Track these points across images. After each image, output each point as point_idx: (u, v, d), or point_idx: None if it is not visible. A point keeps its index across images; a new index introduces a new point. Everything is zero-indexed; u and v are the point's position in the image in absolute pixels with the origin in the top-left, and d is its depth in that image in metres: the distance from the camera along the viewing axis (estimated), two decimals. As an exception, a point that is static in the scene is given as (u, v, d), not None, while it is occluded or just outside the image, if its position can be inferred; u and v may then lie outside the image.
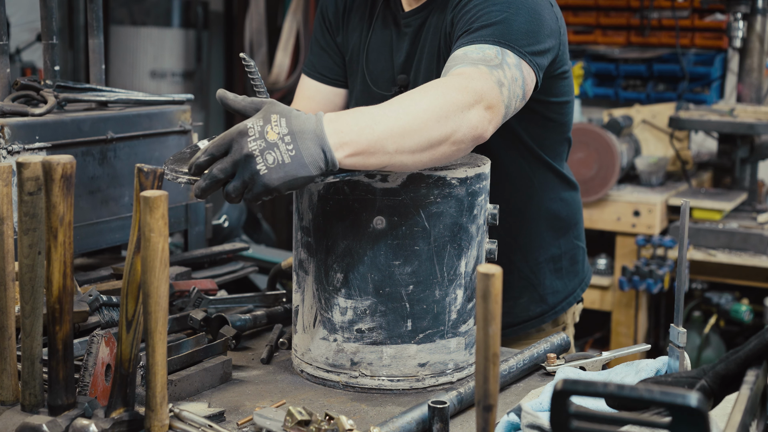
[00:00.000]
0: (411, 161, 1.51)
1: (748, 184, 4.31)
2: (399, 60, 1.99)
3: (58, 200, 1.30)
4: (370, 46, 2.04)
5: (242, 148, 1.41)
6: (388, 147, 1.46)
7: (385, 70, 2.02)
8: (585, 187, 4.13)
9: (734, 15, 4.42)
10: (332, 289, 1.64)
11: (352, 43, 2.08)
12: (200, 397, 1.61)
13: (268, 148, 1.41)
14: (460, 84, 1.56)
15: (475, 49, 1.67)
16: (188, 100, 2.28)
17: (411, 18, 1.98)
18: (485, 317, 1.07)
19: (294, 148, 1.41)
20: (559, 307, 2.12)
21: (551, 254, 2.10)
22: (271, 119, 1.42)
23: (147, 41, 6.18)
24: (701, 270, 4.08)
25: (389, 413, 1.55)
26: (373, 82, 2.04)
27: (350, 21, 2.09)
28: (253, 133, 1.41)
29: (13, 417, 1.37)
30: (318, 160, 1.42)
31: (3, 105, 1.93)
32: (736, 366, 1.23)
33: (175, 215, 2.25)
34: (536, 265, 2.08)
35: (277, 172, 1.41)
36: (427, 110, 1.50)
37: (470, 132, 1.54)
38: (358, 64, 2.07)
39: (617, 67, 5.41)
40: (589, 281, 2.22)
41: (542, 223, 2.08)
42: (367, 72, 2.04)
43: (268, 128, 1.41)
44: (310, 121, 1.43)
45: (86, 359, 1.45)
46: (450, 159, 1.57)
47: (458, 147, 1.55)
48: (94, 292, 1.77)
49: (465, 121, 1.53)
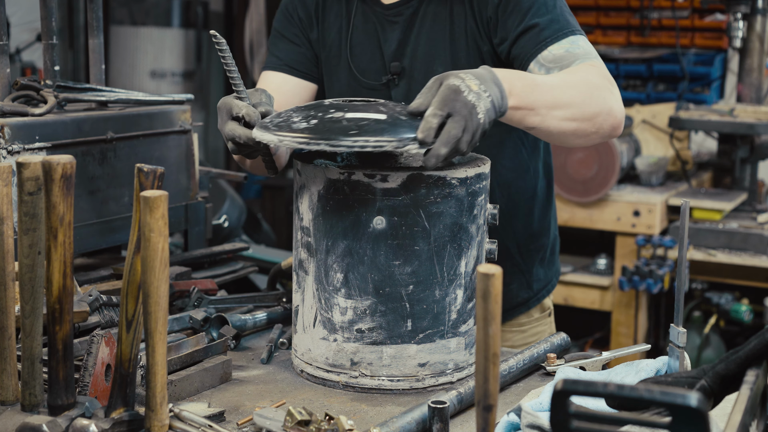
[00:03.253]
0: (557, 128, 1.69)
1: (748, 184, 4.31)
2: (390, 49, 2.01)
3: (58, 200, 1.30)
4: (353, 41, 2.05)
5: (466, 103, 1.50)
6: (541, 108, 1.64)
7: (373, 61, 2.04)
8: (585, 187, 4.13)
9: (734, 15, 4.42)
10: (332, 289, 1.64)
11: (330, 41, 2.09)
12: (200, 397, 1.61)
13: (478, 99, 1.52)
14: (599, 72, 1.77)
15: (570, 45, 1.82)
16: (188, 100, 2.28)
17: (400, 8, 2.01)
18: (485, 317, 1.07)
19: (489, 94, 1.54)
20: (541, 294, 2.20)
21: (541, 243, 2.17)
22: (460, 75, 1.53)
23: (147, 41, 6.18)
24: (701, 270, 4.08)
25: (389, 413, 1.55)
26: (362, 74, 2.05)
27: (325, 19, 2.10)
28: (464, 88, 1.51)
29: (13, 417, 1.37)
30: (500, 105, 1.57)
31: (3, 105, 1.93)
32: (736, 366, 1.23)
33: (175, 215, 2.25)
34: (527, 252, 2.15)
35: (488, 115, 1.53)
36: (577, 86, 1.71)
37: (609, 119, 1.75)
38: (340, 59, 2.08)
39: (617, 67, 5.40)
40: (560, 272, 2.30)
41: (536, 211, 2.14)
42: (354, 65, 2.05)
43: (468, 81, 1.52)
44: (486, 71, 1.57)
45: (86, 359, 1.45)
46: (588, 140, 1.76)
47: (598, 129, 1.74)
48: (94, 292, 1.77)
49: (608, 100, 1.74)
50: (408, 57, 2.00)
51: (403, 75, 2.00)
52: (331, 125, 1.54)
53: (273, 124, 1.60)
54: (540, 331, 2.22)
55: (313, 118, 1.57)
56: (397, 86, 2.02)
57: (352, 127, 1.52)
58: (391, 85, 2.02)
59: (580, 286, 4.26)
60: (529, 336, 2.20)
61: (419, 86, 1.83)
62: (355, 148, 1.50)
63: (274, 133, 1.56)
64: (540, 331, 2.22)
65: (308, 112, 1.60)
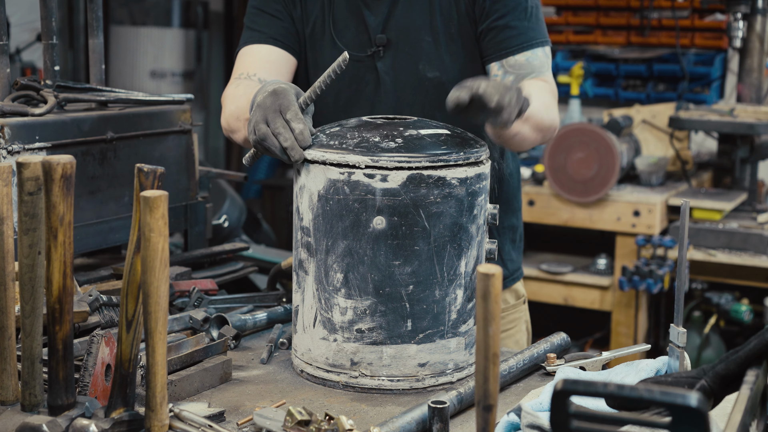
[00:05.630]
0: (528, 137, 1.93)
1: (748, 184, 4.31)
2: (375, 22, 2.06)
3: (58, 200, 1.30)
4: (336, 16, 2.09)
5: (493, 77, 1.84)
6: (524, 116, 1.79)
7: (358, 34, 2.08)
8: (585, 187, 4.13)
9: (734, 15, 4.42)
10: (332, 289, 1.64)
11: (314, 17, 2.11)
12: (200, 397, 1.61)
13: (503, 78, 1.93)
14: (550, 89, 2.04)
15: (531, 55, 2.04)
16: (188, 100, 2.28)
17: None
18: (485, 317, 1.07)
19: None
20: (516, 275, 2.28)
21: (511, 223, 2.25)
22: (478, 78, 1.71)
23: (147, 41, 6.18)
24: (701, 270, 4.08)
25: (389, 413, 1.55)
26: (347, 47, 2.07)
27: None
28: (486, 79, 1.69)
29: (13, 417, 1.37)
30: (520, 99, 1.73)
31: (3, 105, 1.93)
32: (736, 366, 1.23)
33: (175, 215, 2.25)
34: (501, 229, 2.22)
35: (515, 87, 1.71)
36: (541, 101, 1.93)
37: (556, 129, 2.04)
38: (324, 34, 2.10)
39: (617, 67, 5.40)
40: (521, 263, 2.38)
41: (507, 190, 2.22)
42: (338, 39, 2.09)
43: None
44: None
45: (86, 359, 1.45)
46: (531, 147, 2.03)
47: (543, 140, 2.01)
48: (94, 292, 1.77)
49: (556, 117, 2.02)
50: (395, 29, 2.06)
51: (389, 46, 2.07)
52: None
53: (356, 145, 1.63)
54: (516, 318, 2.27)
55: (398, 136, 1.64)
56: (382, 58, 2.07)
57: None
58: (376, 57, 2.07)
59: (580, 286, 4.26)
60: (507, 323, 2.25)
61: (404, 56, 2.04)
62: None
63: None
64: (516, 318, 2.27)
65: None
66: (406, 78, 2.06)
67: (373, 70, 2.08)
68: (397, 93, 2.06)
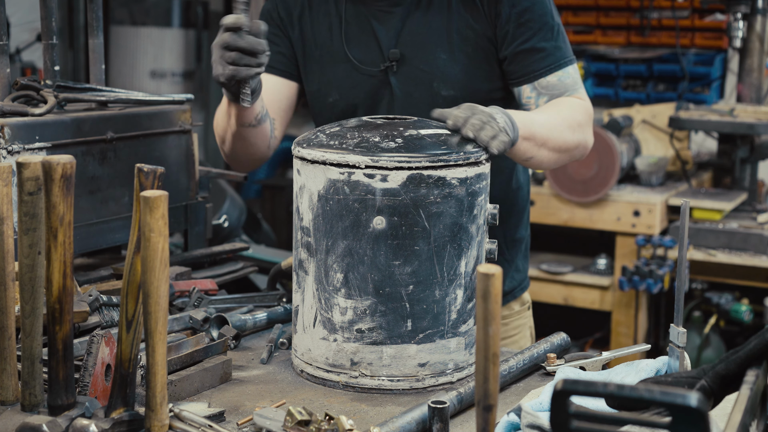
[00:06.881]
0: (547, 158, 1.93)
1: (748, 184, 4.31)
2: (387, 37, 2.07)
3: (58, 200, 1.30)
4: (349, 34, 2.10)
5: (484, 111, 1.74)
6: (538, 140, 1.87)
7: (370, 51, 2.09)
8: (585, 187, 4.13)
9: (734, 15, 4.42)
10: (332, 289, 1.64)
11: (321, 38, 2.12)
12: (200, 397, 1.61)
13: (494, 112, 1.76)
14: (584, 107, 2.04)
15: (563, 74, 2.06)
16: (188, 100, 2.28)
17: None
18: (485, 317, 1.07)
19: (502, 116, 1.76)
20: (523, 285, 2.30)
21: (521, 235, 2.28)
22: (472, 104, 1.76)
23: (147, 41, 6.18)
24: (701, 270, 4.08)
25: (389, 413, 1.55)
26: (361, 63, 2.09)
27: (313, 19, 2.14)
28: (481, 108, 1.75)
29: (13, 417, 1.37)
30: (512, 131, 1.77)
31: (3, 105, 1.93)
32: (736, 366, 1.23)
33: (175, 215, 2.25)
34: (512, 242, 2.24)
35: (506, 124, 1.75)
36: (565, 121, 1.96)
37: (588, 146, 2.06)
38: (335, 53, 2.12)
39: (617, 67, 5.40)
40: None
41: (518, 201, 2.24)
42: (352, 56, 2.10)
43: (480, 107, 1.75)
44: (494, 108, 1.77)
45: (86, 359, 1.45)
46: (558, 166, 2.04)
47: (571, 158, 2.04)
48: (94, 292, 1.77)
49: (587, 135, 2.03)
50: (406, 44, 2.06)
51: (403, 61, 2.06)
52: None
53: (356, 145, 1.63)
54: (520, 324, 2.29)
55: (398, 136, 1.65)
56: (395, 72, 2.07)
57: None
58: (389, 72, 2.07)
59: (580, 286, 4.26)
60: (511, 329, 2.26)
61: (419, 73, 2.04)
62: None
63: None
64: (520, 324, 2.29)
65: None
66: (420, 94, 2.06)
67: (387, 85, 2.08)
68: (411, 110, 2.04)
